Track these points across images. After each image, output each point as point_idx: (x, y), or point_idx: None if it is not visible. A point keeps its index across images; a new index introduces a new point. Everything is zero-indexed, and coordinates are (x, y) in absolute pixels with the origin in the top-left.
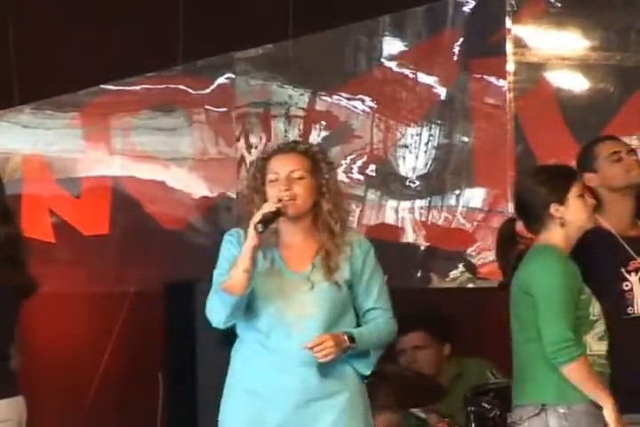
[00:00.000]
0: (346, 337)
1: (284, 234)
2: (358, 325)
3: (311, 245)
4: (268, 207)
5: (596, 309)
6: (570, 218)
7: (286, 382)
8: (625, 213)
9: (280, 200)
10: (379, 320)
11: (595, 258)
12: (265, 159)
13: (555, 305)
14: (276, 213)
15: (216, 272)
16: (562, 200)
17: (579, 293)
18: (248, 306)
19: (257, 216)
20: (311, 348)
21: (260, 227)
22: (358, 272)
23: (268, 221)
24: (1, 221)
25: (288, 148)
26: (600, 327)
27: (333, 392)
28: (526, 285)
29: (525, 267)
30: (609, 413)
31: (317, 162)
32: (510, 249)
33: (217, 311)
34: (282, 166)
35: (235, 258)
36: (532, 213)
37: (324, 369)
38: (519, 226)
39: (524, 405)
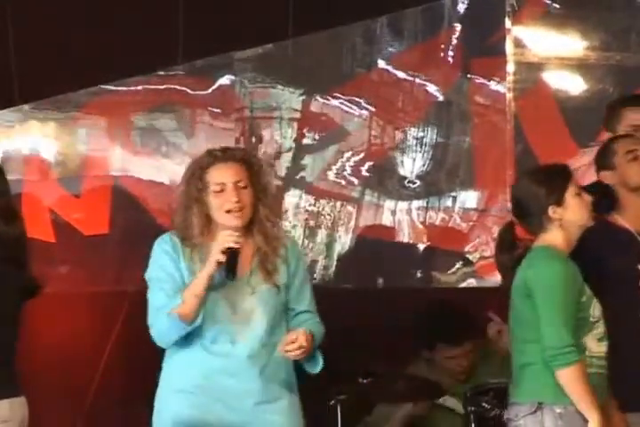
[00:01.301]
0: (310, 335)
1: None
2: None
3: (247, 249)
4: (228, 243)
5: (596, 310)
6: (569, 218)
7: (232, 386)
8: None
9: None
10: (312, 322)
11: (610, 255)
12: (203, 168)
13: (555, 308)
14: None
15: (156, 286)
16: (559, 201)
17: (579, 294)
18: None
19: (218, 250)
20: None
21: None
22: (292, 274)
23: (235, 254)
24: (5, 221)
25: (226, 156)
26: (600, 329)
27: (276, 397)
28: (527, 287)
29: (526, 269)
30: (593, 426)
31: (253, 167)
32: (510, 253)
33: (167, 334)
34: (226, 177)
35: (173, 271)
36: (530, 215)
37: (267, 375)
38: (518, 229)
39: (520, 403)
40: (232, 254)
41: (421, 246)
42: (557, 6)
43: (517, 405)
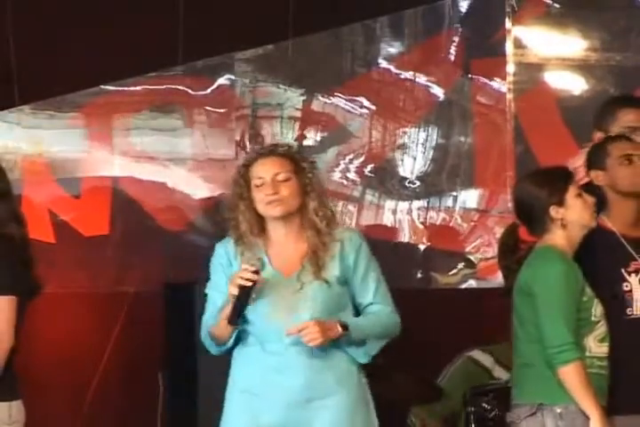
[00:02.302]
0: (337, 324)
1: (273, 236)
2: None
3: (301, 246)
4: (242, 281)
5: (597, 310)
6: (571, 218)
7: (284, 383)
8: (629, 213)
9: (255, 271)
10: (379, 313)
11: (596, 258)
12: (246, 166)
13: (555, 307)
14: (252, 285)
15: (208, 294)
16: (561, 202)
17: (580, 294)
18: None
19: (234, 283)
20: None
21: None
22: (351, 268)
23: (248, 293)
24: (17, 224)
25: (267, 151)
26: (601, 329)
27: (331, 392)
28: (528, 286)
29: (527, 268)
30: (594, 423)
31: (298, 162)
32: (513, 255)
33: (210, 348)
34: (266, 171)
35: (219, 279)
36: (532, 217)
37: (322, 369)
38: (521, 231)
39: (522, 404)
40: (244, 293)
41: (422, 247)
42: (558, 6)
43: (518, 407)
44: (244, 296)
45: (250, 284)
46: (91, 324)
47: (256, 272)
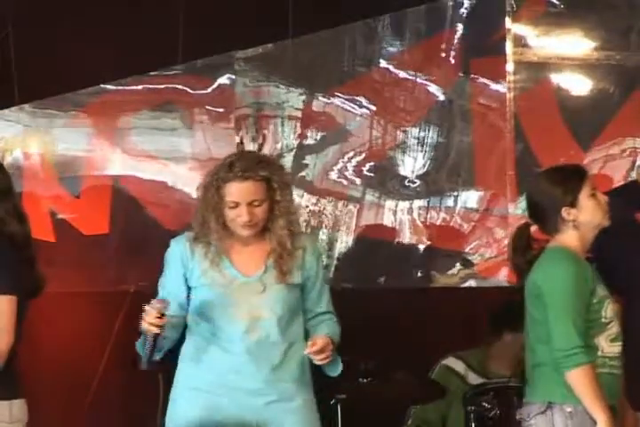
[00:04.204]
0: (329, 338)
1: (236, 241)
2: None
3: (263, 248)
4: (149, 326)
5: (608, 311)
6: (583, 219)
7: (243, 385)
8: None
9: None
10: (330, 323)
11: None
12: (221, 181)
13: (564, 310)
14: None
15: (159, 290)
16: (573, 202)
17: (590, 296)
18: (202, 312)
19: (145, 323)
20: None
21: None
22: (312, 278)
23: (156, 337)
24: (19, 221)
25: (245, 175)
26: (613, 329)
27: (291, 395)
28: (537, 287)
29: (537, 269)
30: (601, 426)
31: (272, 183)
32: (524, 253)
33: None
34: (242, 196)
35: (170, 278)
36: (544, 216)
37: (280, 373)
38: (533, 229)
39: (532, 402)
40: (152, 337)
41: (422, 246)
42: (558, 5)
43: (529, 404)
44: (153, 340)
45: (157, 330)
46: (91, 323)
47: (160, 317)
